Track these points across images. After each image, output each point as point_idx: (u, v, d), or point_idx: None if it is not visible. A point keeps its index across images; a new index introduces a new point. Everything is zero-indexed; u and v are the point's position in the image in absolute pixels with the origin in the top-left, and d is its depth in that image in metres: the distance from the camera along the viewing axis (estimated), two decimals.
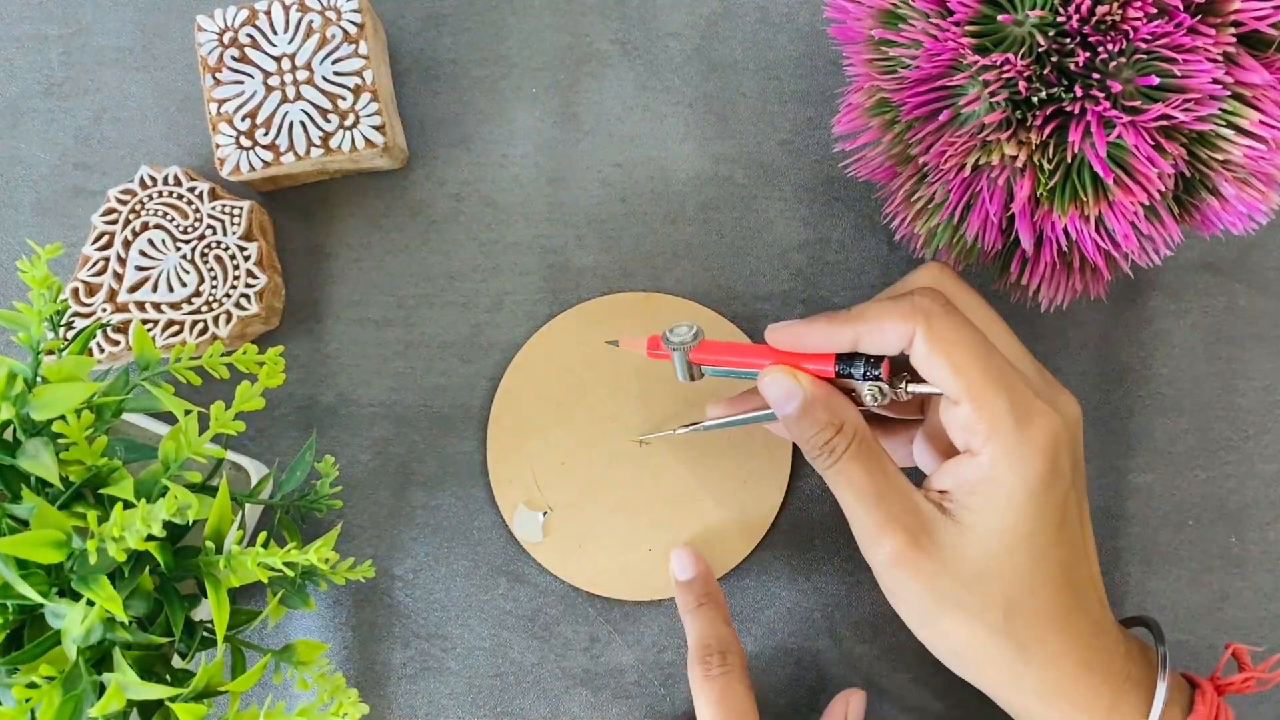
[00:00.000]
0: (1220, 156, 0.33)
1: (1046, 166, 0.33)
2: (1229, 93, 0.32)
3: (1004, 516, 0.32)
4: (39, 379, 0.30)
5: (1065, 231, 0.35)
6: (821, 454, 0.34)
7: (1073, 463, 0.34)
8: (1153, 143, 0.32)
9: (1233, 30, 0.32)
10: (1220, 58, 0.32)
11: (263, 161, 0.40)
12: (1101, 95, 0.32)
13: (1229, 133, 0.32)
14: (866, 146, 0.39)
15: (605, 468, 0.43)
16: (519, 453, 0.43)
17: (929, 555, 0.33)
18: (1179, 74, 0.31)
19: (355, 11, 0.41)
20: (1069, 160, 0.33)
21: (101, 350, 0.40)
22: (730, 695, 0.37)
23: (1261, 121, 0.32)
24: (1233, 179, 0.34)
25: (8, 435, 0.31)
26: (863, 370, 0.34)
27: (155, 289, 0.41)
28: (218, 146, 0.41)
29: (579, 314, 0.44)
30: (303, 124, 0.41)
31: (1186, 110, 0.32)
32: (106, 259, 0.41)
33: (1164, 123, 0.32)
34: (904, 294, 0.34)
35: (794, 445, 0.43)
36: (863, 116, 0.38)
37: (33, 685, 0.29)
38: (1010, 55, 0.32)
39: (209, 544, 0.31)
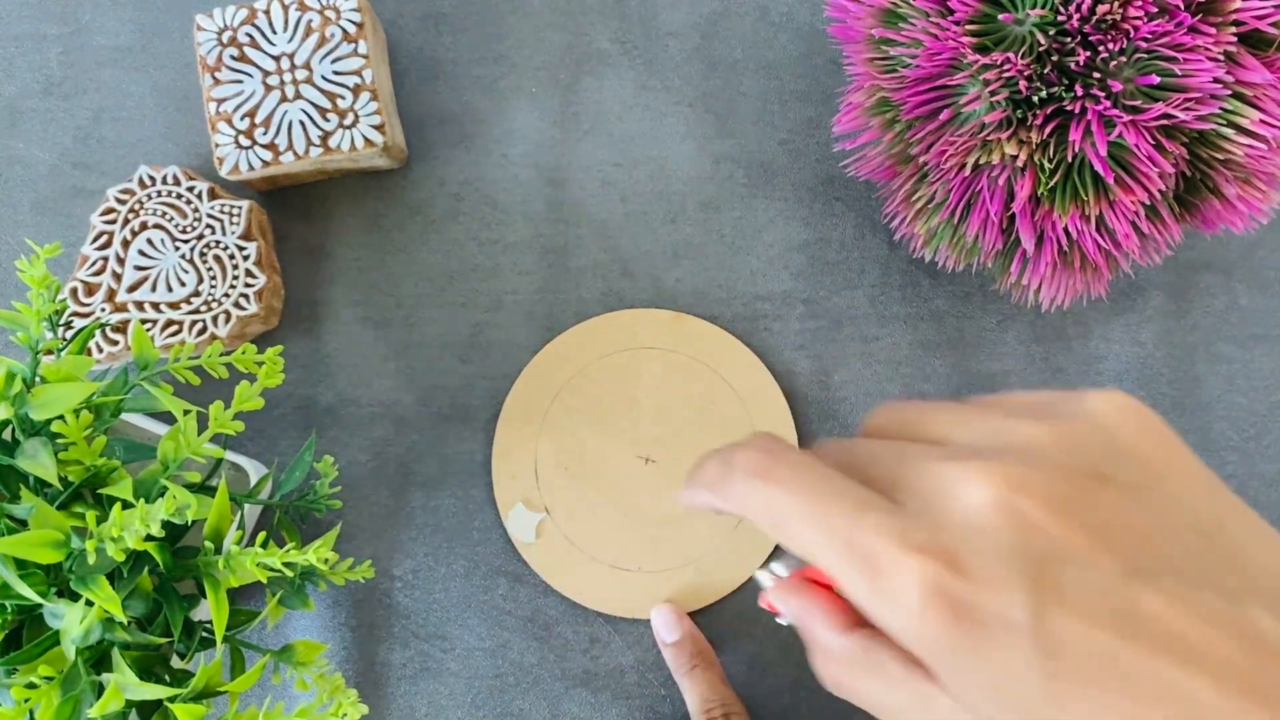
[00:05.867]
0: (1221, 156, 0.33)
1: (1047, 166, 0.33)
2: (1230, 92, 0.32)
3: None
4: (38, 379, 0.30)
5: (1066, 231, 0.35)
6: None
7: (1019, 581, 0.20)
8: (1153, 142, 0.32)
9: (1233, 29, 0.32)
10: (1221, 57, 0.32)
11: (262, 161, 0.40)
12: (1102, 94, 0.32)
13: (1230, 132, 0.32)
14: (867, 146, 0.39)
15: (608, 480, 0.43)
16: (525, 450, 0.43)
17: None
18: (1180, 73, 0.31)
19: (354, 11, 0.41)
20: (1070, 160, 0.33)
21: (100, 350, 0.40)
22: None
23: (1262, 121, 0.32)
24: (1234, 178, 0.34)
25: (7, 435, 0.31)
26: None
27: (154, 289, 0.41)
28: (217, 146, 0.41)
29: (604, 322, 0.44)
30: (302, 123, 0.41)
31: (1187, 109, 0.32)
32: (105, 259, 0.41)
33: (1165, 122, 0.32)
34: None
35: None
36: (863, 116, 0.38)
37: (31, 685, 0.29)
38: (1011, 54, 0.32)
39: (208, 544, 0.31)
